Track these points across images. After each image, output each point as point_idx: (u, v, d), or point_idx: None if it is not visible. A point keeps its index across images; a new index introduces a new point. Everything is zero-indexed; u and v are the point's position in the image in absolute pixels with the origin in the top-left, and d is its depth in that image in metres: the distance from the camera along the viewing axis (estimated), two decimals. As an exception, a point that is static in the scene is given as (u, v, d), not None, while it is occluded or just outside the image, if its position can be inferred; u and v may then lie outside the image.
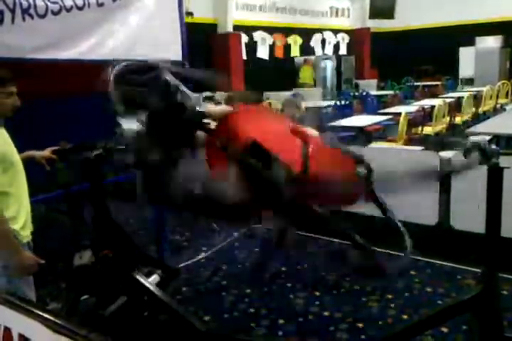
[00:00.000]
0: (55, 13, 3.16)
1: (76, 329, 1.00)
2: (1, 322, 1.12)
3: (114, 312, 2.17)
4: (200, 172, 2.30)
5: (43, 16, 3.09)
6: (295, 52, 14.20)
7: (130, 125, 2.17)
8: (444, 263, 3.66)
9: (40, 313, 1.07)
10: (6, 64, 2.48)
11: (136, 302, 2.28)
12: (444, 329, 2.76)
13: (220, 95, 8.56)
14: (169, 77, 2.28)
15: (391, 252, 3.38)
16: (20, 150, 2.27)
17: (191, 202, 2.25)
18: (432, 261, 3.70)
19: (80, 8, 3.29)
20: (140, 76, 2.25)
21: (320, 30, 14.96)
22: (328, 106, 9.07)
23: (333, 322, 2.96)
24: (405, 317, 2.98)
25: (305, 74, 13.23)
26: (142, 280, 2.25)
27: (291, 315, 3.06)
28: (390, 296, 3.22)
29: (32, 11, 3.02)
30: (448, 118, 7.83)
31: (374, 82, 14.92)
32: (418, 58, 14.95)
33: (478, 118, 8.99)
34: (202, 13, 11.16)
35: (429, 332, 2.69)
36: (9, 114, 2.19)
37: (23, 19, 2.99)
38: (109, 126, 2.31)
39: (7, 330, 1.11)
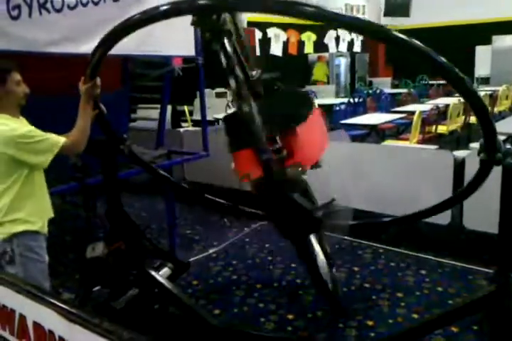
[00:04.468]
0: (71, 8, 3.18)
1: (90, 318, 1.01)
2: (16, 309, 1.14)
3: (125, 304, 2.20)
4: None
5: (59, 11, 3.11)
6: (309, 49, 14.13)
7: None
8: (456, 263, 3.64)
9: (55, 302, 1.08)
10: (17, 57, 2.50)
11: (147, 294, 2.30)
12: (455, 329, 2.75)
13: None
14: None
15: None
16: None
17: None
18: (444, 260, 3.68)
19: (96, 3, 3.31)
20: None
21: (335, 28, 14.84)
22: (342, 103, 9.02)
23: (343, 318, 2.95)
24: (415, 316, 2.96)
25: (319, 72, 13.17)
26: (153, 273, 2.27)
27: (301, 310, 3.06)
28: (400, 295, 3.21)
29: (49, 5, 3.05)
30: (463, 118, 7.74)
31: (388, 79, 14.80)
32: (433, 56, 14.77)
33: (493, 117, 8.88)
34: (216, 9, 11.15)
35: (439, 332, 2.68)
36: (23, 102, 2.25)
37: (40, 13, 3.02)
38: (119, 121, 2.35)
39: (22, 318, 1.13)
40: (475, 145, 4.50)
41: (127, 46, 2.73)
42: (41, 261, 2.25)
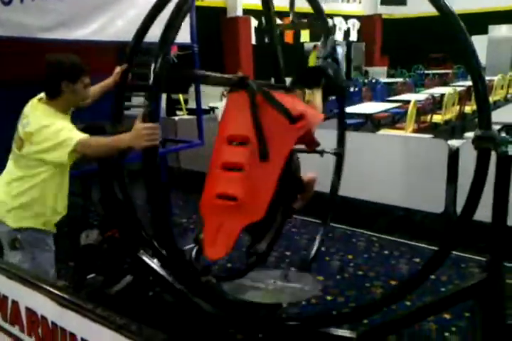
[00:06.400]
0: (65, -7, 3.13)
1: (82, 304, 1.01)
2: (9, 295, 1.14)
3: (119, 291, 2.20)
4: None
5: (52, -4, 3.07)
6: (305, 37, 14.04)
7: None
8: (449, 251, 3.66)
9: (47, 287, 1.08)
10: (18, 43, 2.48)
11: (142, 281, 2.31)
12: (447, 316, 2.78)
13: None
14: None
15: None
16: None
17: None
18: (437, 248, 3.69)
19: (90, -11, 3.27)
20: None
21: (330, 16, 14.73)
22: (337, 92, 8.98)
23: (336, 306, 2.98)
24: (408, 303, 2.99)
25: (314, 60, 13.08)
26: (148, 260, 2.27)
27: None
28: (393, 282, 3.24)
29: (41, -10, 3.00)
30: (458, 107, 7.75)
31: (384, 69, 14.78)
32: (429, 46, 14.74)
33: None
34: (212, -4, 11.05)
35: (431, 319, 2.71)
36: (76, 105, 2.23)
37: (32, -1, 2.98)
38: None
39: (15, 303, 1.13)
40: (469, 134, 4.50)
41: (124, 33, 2.70)
42: (48, 250, 2.25)
